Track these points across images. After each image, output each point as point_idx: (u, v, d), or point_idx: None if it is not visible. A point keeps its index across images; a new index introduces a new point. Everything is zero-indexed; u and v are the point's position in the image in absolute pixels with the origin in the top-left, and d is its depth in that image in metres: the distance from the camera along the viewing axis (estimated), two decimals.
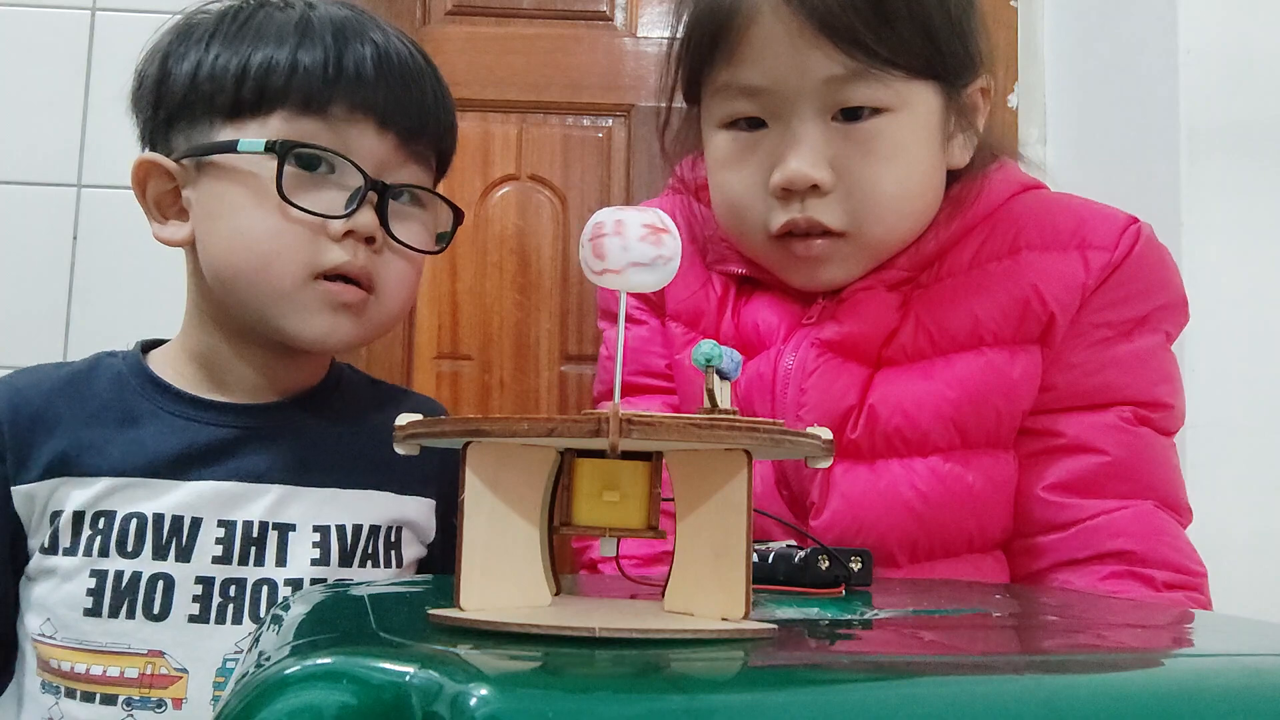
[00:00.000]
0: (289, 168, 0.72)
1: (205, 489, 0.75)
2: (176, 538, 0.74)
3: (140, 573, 0.73)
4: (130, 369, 0.80)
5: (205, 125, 0.75)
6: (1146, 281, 0.78)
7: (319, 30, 0.75)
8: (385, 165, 0.76)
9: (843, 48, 0.72)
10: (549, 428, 0.37)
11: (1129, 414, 0.76)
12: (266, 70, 0.73)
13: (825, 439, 0.42)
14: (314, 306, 0.74)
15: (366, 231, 0.74)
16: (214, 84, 0.74)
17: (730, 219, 0.81)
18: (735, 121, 0.78)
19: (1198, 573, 0.75)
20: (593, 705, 0.29)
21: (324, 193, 0.74)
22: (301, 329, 0.75)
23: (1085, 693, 0.33)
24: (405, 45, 0.79)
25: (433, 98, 0.80)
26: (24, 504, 0.75)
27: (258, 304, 0.75)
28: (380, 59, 0.76)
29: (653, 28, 1.44)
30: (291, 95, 0.73)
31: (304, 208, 0.73)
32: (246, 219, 0.74)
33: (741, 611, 0.39)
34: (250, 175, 0.73)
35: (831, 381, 0.77)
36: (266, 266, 0.73)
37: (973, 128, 0.81)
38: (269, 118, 0.74)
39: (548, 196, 1.40)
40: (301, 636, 0.37)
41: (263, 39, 0.75)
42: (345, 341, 0.77)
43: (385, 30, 0.79)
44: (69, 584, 0.73)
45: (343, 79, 0.74)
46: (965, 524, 0.77)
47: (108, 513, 0.74)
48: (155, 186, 0.77)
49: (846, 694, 0.31)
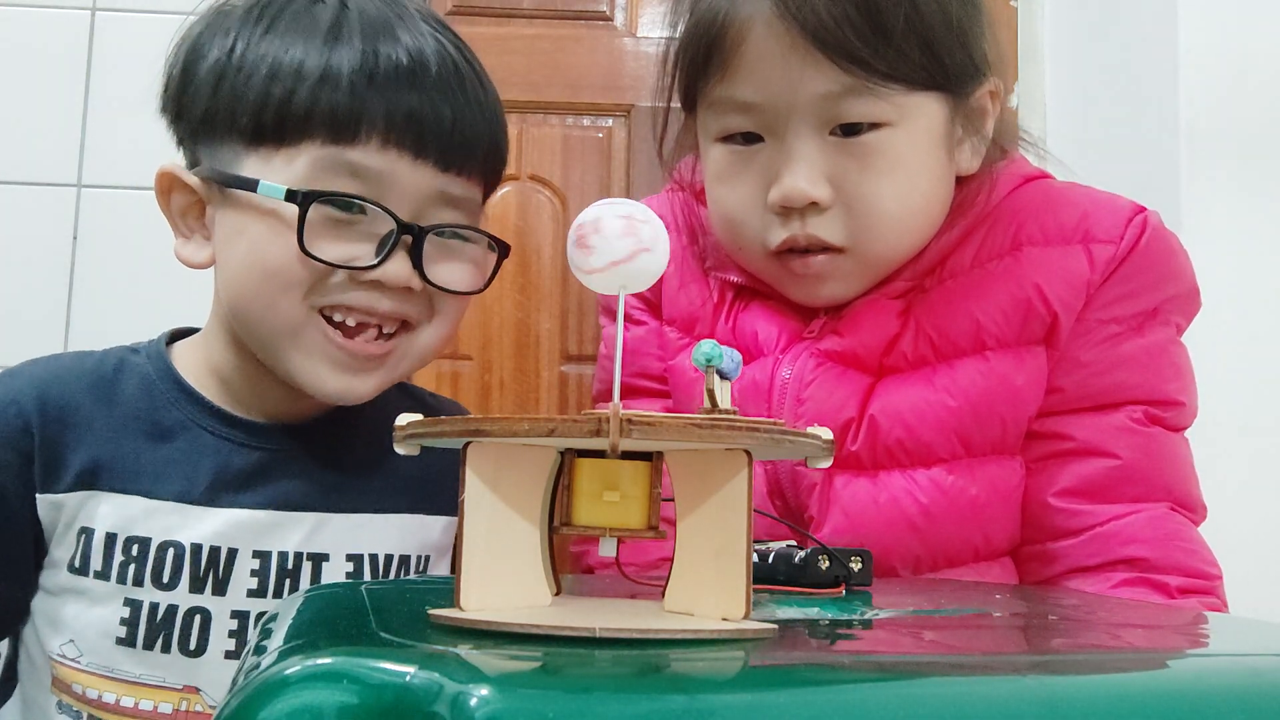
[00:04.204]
0: (315, 210, 0.67)
1: (240, 518, 0.72)
2: (213, 570, 0.72)
3: (176, 605, 0.71)
4: (158, 372, 0.76)
5: (228, 146, 0.71)
6: (1156, 273, 0.76)
7: (349, 33, 0.69)
8: (423, 200, 0.71)
9: (838, 63, 0.69)
10: (550, 428, 0.37)
11: (1140, 414, 0.75)
12: (292, 83, 0.68)
13: (825, 439, 0.42)
14: (320, 351, 0.70)
15: (399, 283, 0.69)
16: (235, 97, 0.69)
17: (728, 234, 0.80)
18: (731, 136, 0.76)
19: (1212, 576, 0.74)
20: (593, 705, 0.29)
21: (354, 235, 0.69)
22: (318, 384, 0.71)
23: (1086, 693, 0.33)
24: (446, 47, 0.72)
25: (478, 113, 0.73)
26: (49, 512, 0.71)
27: (268, 345, 0.71)
28: (416, 68, 0.70)
29: (653, 28, 1.44)
30: (317, 120, 0.68)
31: (325, 260, 0.68)
32: (261, 254, 0.69)
33: (742, 611, 0.39)
34: (271, 212, 0.69)
35: (830, 392, 0.76)
36: (274, 306, 0.69)
37: (981, 133, 0.78)
38: (294, 151, 0.68)
39: (548, 196, 1.40)
40: (302, 636, 0.37)
41: (289, 40, 0.69)
42: (370, 394, 0.73)
43: (424, 28, 0.72)
44: (100, 608, 0.71)
45: (373, 95, 0.68)
46: (969, 536, 0.76)
47: (142, 540, 0.71)
48: (179, 199, 0.74)
49: (848, 694, 0.31)
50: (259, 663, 0.33)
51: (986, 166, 0.79)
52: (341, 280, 0.69)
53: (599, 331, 1.02)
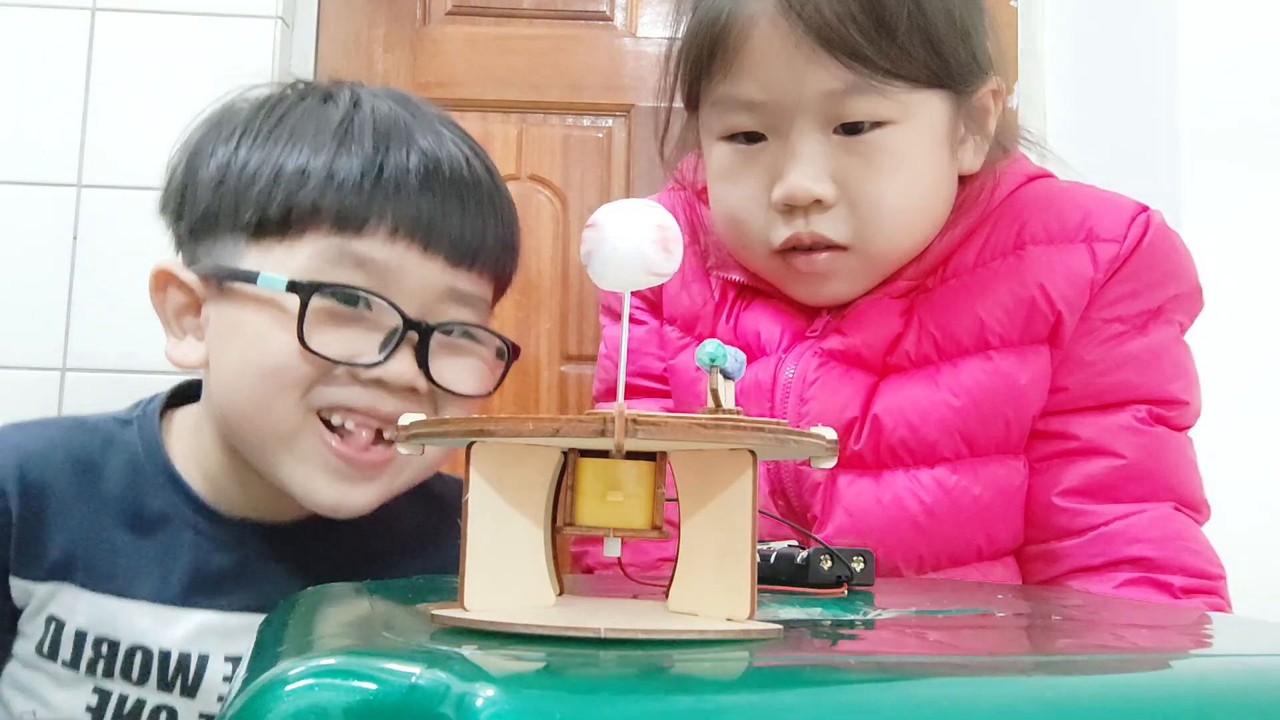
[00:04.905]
0: (317, 302, 0.64)
1: (214, 621, 0.70)
2: (182, 674, 0.70)
3: (144, 700, 0.69)
4: (146, 453, 0.73)
5: (229, 241, 0.68)
6: (1159, 272, 0.76)
7: (359, 134, 0.67)
8: (431, 296, 0.68)
9: (842, 60, 0.69)
10: (554, 428, 0.37)
11: (1144, 413, 0.75)
12: (297, 185, 0.65)
13: (829, 439, 0.42)
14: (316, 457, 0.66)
15: (403, 383, 0.66)
16: (239, 196, 0.67)
17: (731, 232, 0.80)
18: (734, 135, 0.76)
19: (1216, 575, 0.74)
20: (598, 706, 0.29)
21: (357, 330, 0.66)
22: (312, 493, 0.67)
23: (1090, 693, 0.33)
24: (461, 150, 0.70)
25: (491, 213, 0.71)
26: (21, 595, 0.70)
27: (261, 450, 0.67)
28: (428, 170, 0.67)
29: (653, 28, 1.44)
30: (324, 215, 0.65)
31: (326, 356, 0.64)
32: (258, 349, 0.66)
33: (746, 612, 0.39)
34: (271, 304, 0.65)
35: (834, 391, 0.76)
36: (269, 407, 0.66)
37: (983, 132, 0.78)
38: (298, 241, 0.66)
39: (548, 197, 1.40)
40: (306, 637, 0.37)
41: (297, 142, 0.67)
42: (368, 507, 0.69)
43: (439, 131, 0.70)
44: (69, 691, 0.70)
45: (382, 194, 0.65)
46: (973, 535, 0.76)
47: (111, 641, 0.69)
48: (174, 298, 0.71)
49: (853, 694, 0.31)
50: (262, 664, 0.33)
51: (989, 165, 0.79)
52: (342, 378, 0.66)
53: (599, 331, 1.02)
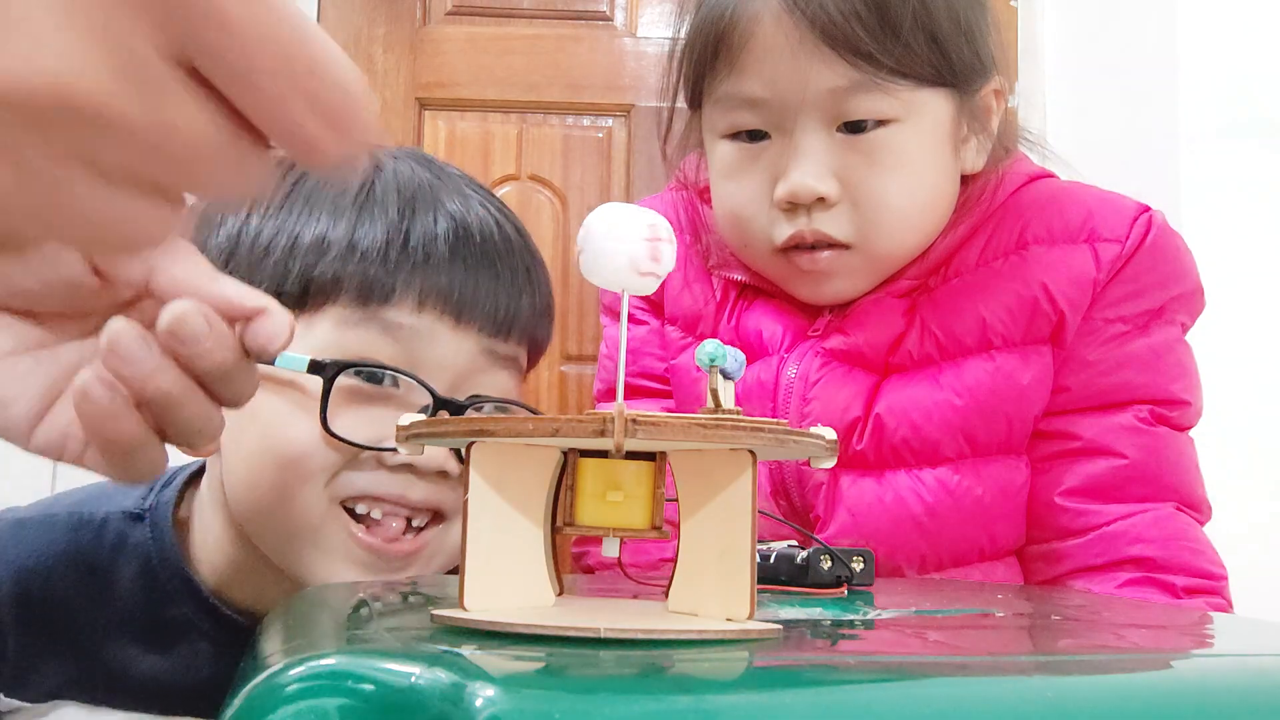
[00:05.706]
0: (341, 381, 0.60)
1: None
2: None
3: None
4: (159, 555, 0.66)
5: None
6: (1161, 272, 0.76)
7: (382, 199, 0.63)
8: (463, 370, 0.64)
9: (846, 58, 0.70)
10: (554, 428, 0.37)
11: (1146, 413, 0.75)
12: (316, 256, 0.61)
13: (829, 439, 0.42)
14: (342, 550, 0.61)
15: (434, 467, 0.62)
16: (251, 270, 0.61)
17: (733, 231, 0.80)
18: (737, 133, 0.76)
19: (1218, 575, 0.74)
20: (598, 706, 0.29)
21: (383, 410, 0.61)
22: None
23: (1091, 693, 0.33)
24: (490, 212, 0.67)
25: (525, 280, 0.67)
26: (9, 707, 0.65)
27: (281, 545, 0.63)
28: (457, 236, 0.63)
29: (653, 28, 1.44)
30: (345, 287, 0.61)
31: (351, 441, 0.60)
32: (277, 438, 0.61)
33: (746, 612, 0.38)
34: (290, 385, 0.61)
35: (836, 391, 0.76)
36: (290, 500, 0.61)
37: (986, 131, 0.78)
38: (316, 315, 0.61)
39: (548, 197, 1.40)
40: (304, 637, 0.37)
41: (314, 209, 0.63)
42: None
43: (466, 194, 0.67)
44: None
45: (408, 264, 0.62)
46: (975, 535, 0.76)
47: None
48: None
49: (853, 694, 0.31)
50: (260, 665, 0.33)
51: (991, 165, 0.80)
52: (368, 464, 0.62)
53: (599, 331, 1.02)
